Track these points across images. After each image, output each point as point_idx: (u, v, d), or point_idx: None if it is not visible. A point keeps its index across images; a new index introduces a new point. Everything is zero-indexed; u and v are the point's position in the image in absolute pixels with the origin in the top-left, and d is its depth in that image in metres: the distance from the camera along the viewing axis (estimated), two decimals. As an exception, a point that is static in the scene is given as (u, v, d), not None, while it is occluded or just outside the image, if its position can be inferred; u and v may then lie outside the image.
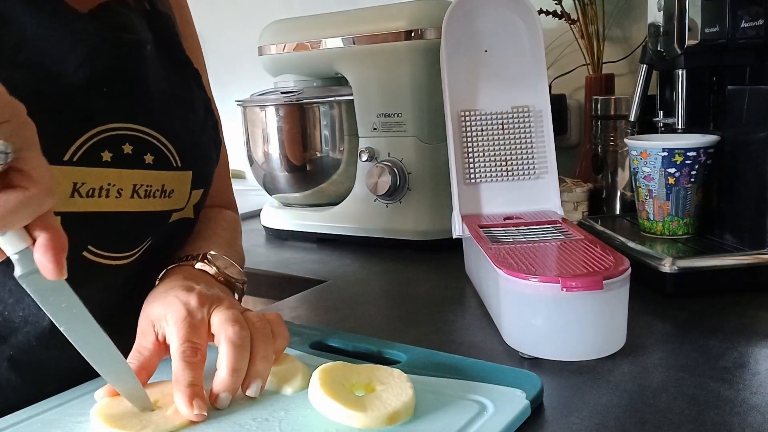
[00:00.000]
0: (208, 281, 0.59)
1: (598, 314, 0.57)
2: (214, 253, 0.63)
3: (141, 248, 0.61)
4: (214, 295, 0.55)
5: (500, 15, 0.84)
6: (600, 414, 0.48)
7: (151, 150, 0.59)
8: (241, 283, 0.63)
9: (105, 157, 0.55)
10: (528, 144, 0.84)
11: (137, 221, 0.59)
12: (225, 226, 0.75)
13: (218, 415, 0.47)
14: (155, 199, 0.60)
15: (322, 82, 1.12)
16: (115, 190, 0.56)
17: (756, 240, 0.74)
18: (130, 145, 0.57)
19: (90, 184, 0.54)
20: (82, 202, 0.54)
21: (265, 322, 0.53)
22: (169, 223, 0.63)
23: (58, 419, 0.48)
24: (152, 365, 0.51)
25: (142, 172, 0.58)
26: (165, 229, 0.63)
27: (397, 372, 0.50)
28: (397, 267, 0.95)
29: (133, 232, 0.60)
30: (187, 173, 0.63)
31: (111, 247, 0.58)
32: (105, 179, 0.55)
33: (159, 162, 0.59)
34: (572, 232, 0.72)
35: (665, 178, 0.80)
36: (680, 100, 0.82)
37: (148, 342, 0.52)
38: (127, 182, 0.57)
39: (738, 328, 0.64)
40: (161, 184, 0.60)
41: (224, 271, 0.62)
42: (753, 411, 0.48)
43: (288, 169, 1.12)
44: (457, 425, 0.44)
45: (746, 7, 0.75)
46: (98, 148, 0.55)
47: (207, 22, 1.76)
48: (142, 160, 0.58)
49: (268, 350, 0.51)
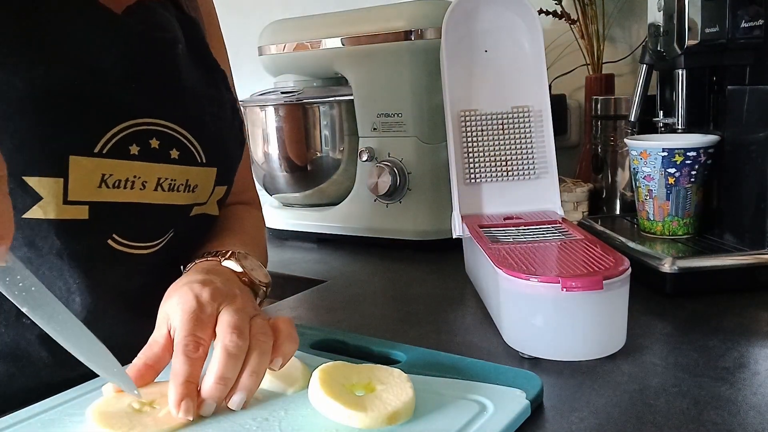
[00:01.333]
0: (231, 278, 0.59)
1: (598, 314, 0.57)
2: (243, 252, 0.63)
3: (164, 239, 0.63)
4: (230, 291, 0.54)
5: (500, 15, 0.84)
6: (600, 414, 0.48)
7: (177, 145, 0.61)
8: (265, 286, 0.63)
9: (133, 150, 0.58)
10: (528, 144, 0.84)
11: (160, 213, 0.61)
12: (253, 223, 0.77)
13: (218, 414, 0.47)
14: (179, 193, 0.62)
15: (322, 82, 1.12)
16: (140, 182, 0.59)
17: (756, 240, 0.74)
18: (157, 140, 0.59)
19: (117, 175, 0.57)
20: (108, 192, 0.57)
21: (269, 336, 0.51)
22: (190, 217, 0.65)
23: (58, 419, 0.48)
24: (161, 360, 0.50)
25: (168, 166, 0.60)
26: (187, 222, 0.65)
27: (397, 372, 0.50)
28: (397, 267, 0.95)
29: (156, 224, 0.62)
30: (212, 169, 0.65)
31: (135, 237, 0.60)
32: (131, 171, 0.58)
33: (184, 157, 0.61)
34: (572, 232, 0.72)
35: (665, 178, 0.80)
36: (680, 100, 0.82)
37: (160, 335, 0.51)
38: (153, 175, 0.59)
39: (738, 328, 0.64)
40: (185, 179, 0.62)
41: (250, 272, 0.62)
42: (753, 411, 0.48)
43: (288, 169, 1.12)
44: (457, 425, 0.44)
45: (746, 7, 0.75)
46: (127, 142, 0.57)
47: (207, 22, 1.77)
48: (168, 154, 0.60)
49: (261, 366, 0.49)
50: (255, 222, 0.78)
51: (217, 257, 0.62)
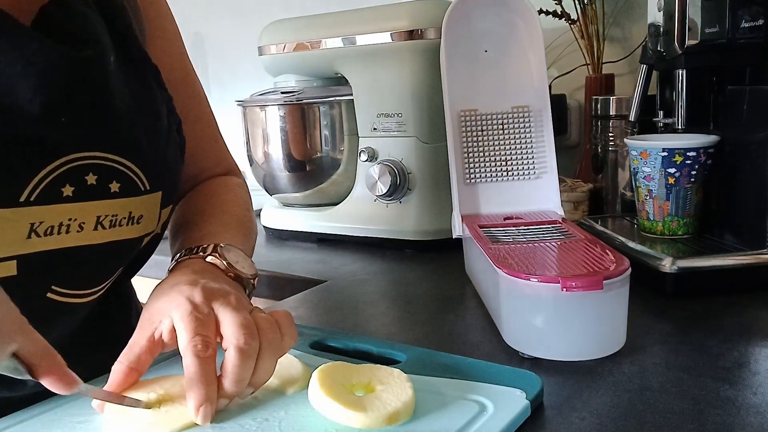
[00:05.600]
0: (217, 275, 0.56)
1: (598, 314, 0.57)
2: (226, 245, 0.59)
3: (111, 281, 0.57)
4: (221, 289, 0.52)
5: (500, 15, 0.84)
6: (600, 414, 0.48)
7: (117, 177, 0.54)
8: (252, 278, 0.60)
9: (66, 191, 0.50)
10: (528, 144, 0.84)
11: (105, 253, 0.55)
12: (233, 198, 0.71)
13: (217, 414, 0.47)
14: (123, 228, 0.55)
15: (322, 82, 1.12)
16: (77, 224, 0.51)
17: (756, 240, 0.74)
18: (94, 175, 0.52)
19: (49, 221, 0.50)
20: (39, 241, 0.50)
21: (275, 329, 0.50)
22: (140, 248, 0.59)
23: (58, 419, 0.48)
24: (143, 363, 0.49)
25: (107, 202, 0.53)
26: (135, 255, 0.59)
27: (397, 372, 0.50)
28: (397, 267, 0.95)
29: (101, 265, 0.56)
30: (156, 195, 0.58)
31: (77, 284, 0.54)
32: (66, 214, 0.51)
33: (125, 189, 0.54)
34: (572, 232, 0.72)
35: (665, 178, 0.80)
36: (680, 100, 0.82)
37: (143, 337, 0.49)
38: (91, 215, 0.52)
39: (738, 328, 0.64)
40: (128, 212, 0.55)
41: (235, 265, 0.58)
42: (753, 411, 0.48)
43: (288, 169, 1.12)
44: (457, 425, 0.44)
45: (746, 7, 0.75)
46: (58, 183, 0.50)
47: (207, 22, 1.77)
48: (107, 189, 0.53)
49: (272, 363, 0.49)
50: (234, 197, 0.71)
51: (199, 254, 0.58)
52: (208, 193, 0.69)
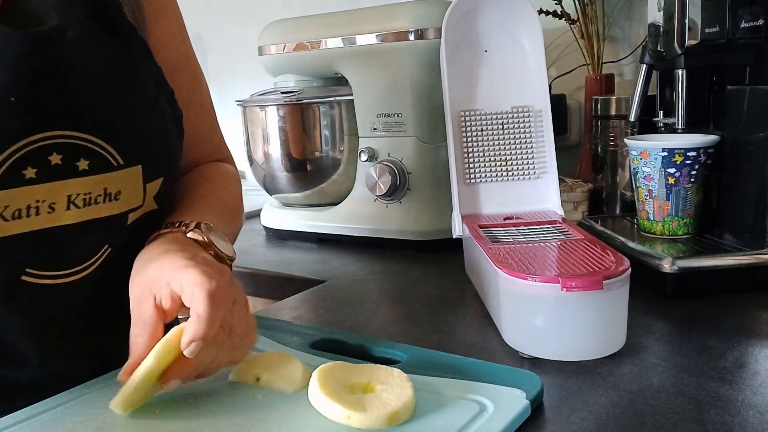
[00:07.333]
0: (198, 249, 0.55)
1: (598, 314, 0.57)
2: (209, 224, 0.58)
3: (97, 259, 0.56)
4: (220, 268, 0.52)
5: (500, 15, 0.84)
6: (600, 414, 0.48)
7: (84, 155, 0.52)
8: (230, 261, 0.59)
9: (29, 174, 0.50)
10: (528, 144, 0.84)
11: (82, 232, 0.54)
12: (223, 185, 0.70)
13: (217, 414, 0.47)
14: (100, 205, 0.54)
15: (322, 82, 1.12)
16: (46, 205, 0.51)
17: (756, 240, 0.74)
18: (58, 155, 0.51)
19: (15, 204, 0.49)
20: (8, 225, 0.49)
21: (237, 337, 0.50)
22: (128, 225, 0.58)
23: (58, 419, 0.48)
24: (158, 334, 0.49)
25: (77, 180, 0.52)
26: (124, 232, 0.58)
27: (397, 372, 0.50)
28: (397, 267, 0.95)
29: (79, 246, 0.55)
30: (135, 169, 0.56)
31: (55, 265, 0.54)
32: (33, 196, 0.50)
33: (96, 166, 0.53)
34: (572, 232, 0.72)
35: (665, 178, 0.80)
36: (680, 100, 0.82)
37: (148, 308, 0.49)
38: (60, 195, 0.52)
39: (738, 328, 0.64)
40: (103, 188, 0.54)
41: (215, 244, 0.57)
42: (753, 411, 0.48)
43: (288, 169, 1.12)
44: (457, 425, 0.44)
45: (746, 7, 0.75)
46: (19, 167, 0.49)
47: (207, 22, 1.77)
48: (74, 167, 0.52)
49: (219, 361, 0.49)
50: (225, 184, 0.71)
51: (181, 228, 0.57)
52: (199, 178, 0.69)
